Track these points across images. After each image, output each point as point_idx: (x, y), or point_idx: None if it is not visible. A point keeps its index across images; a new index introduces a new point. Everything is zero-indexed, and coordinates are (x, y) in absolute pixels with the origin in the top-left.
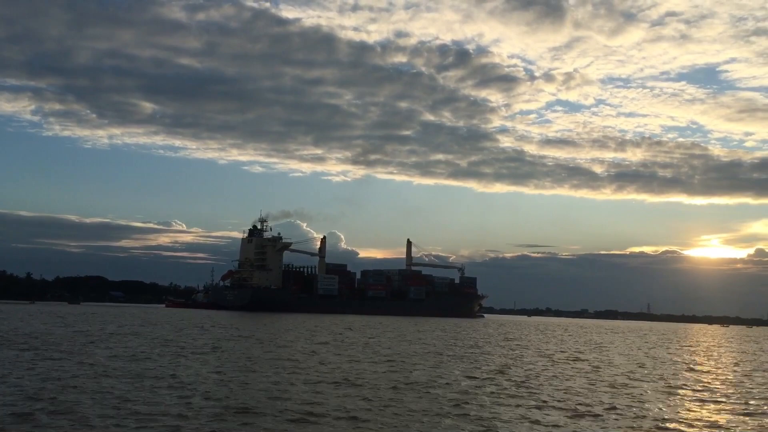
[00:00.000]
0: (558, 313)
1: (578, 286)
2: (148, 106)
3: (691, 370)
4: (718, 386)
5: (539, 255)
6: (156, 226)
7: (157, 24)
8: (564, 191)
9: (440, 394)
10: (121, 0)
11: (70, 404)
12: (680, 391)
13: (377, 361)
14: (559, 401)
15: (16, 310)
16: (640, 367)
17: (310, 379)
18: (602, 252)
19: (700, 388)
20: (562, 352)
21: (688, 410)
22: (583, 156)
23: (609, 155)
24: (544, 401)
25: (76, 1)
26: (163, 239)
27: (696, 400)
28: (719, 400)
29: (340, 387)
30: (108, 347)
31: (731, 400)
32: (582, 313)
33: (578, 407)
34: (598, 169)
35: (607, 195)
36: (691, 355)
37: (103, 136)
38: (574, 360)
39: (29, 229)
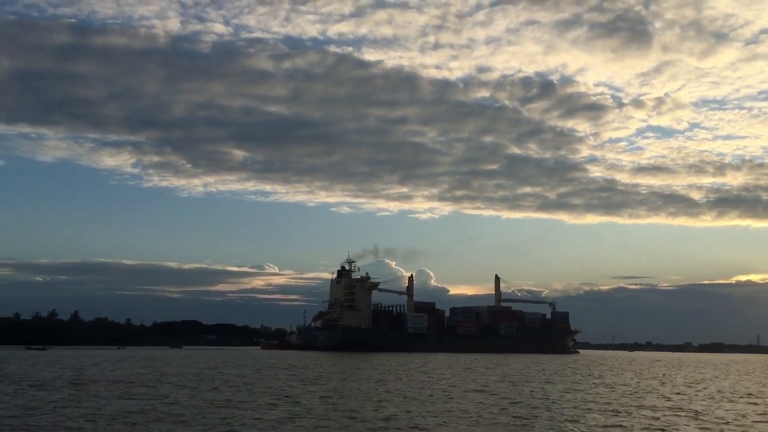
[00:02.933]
0: (659, 347)
1: (680, 318)
2: (239, 154)
3: None
4: None
5: (637, 287)
6: (250, 270)
7: (245, 74)
8: (660, 220)
9: None
10: (212, 54)
11: None
12: None
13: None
14: None
15: (133, 355)
16: None
17: None
18: (705, 282)
19: None
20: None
21: None
22: (679, 182)
23: (707, 180)
24: None
25: (171, 57)
26: (257, 282)
27: None
28: None
29: None
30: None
31: None
32: (685, 347)
33: None
34: (696, 196)
35: (707, 222)
36: None
37: (198, 184)
38: None
39: (132, 276)
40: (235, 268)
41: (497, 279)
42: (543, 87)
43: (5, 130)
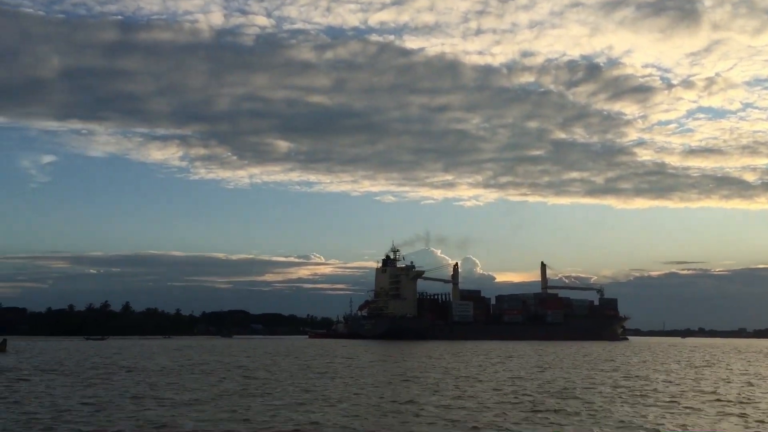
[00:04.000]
0: (712, 333)
1: (734, 304)
2: (283, 145)
3: None
4: None
5: (689, 272)
6: (296, 260)
7: (288, 66)
8: (713, 203)
9: None
10: (254, 46)
11: None
12: None
13: None
14: None
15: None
16: None
17: None
18: (760, 266)
19: None
20: None
21: None
22: (732, 164)
23: (762, 162)
24: None
25: (215, 51)
26: (303, 272)
27: None
28: None
29: None
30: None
31: None
32: (740, 333)
33: None
34: (750, 178)
35: (763, 204)
36: None
37: (244, 176)
38: None
39: (182, 268)
40: (282, 258)
41: (543, 266)
42: (589, 70)
43: (57, 126)
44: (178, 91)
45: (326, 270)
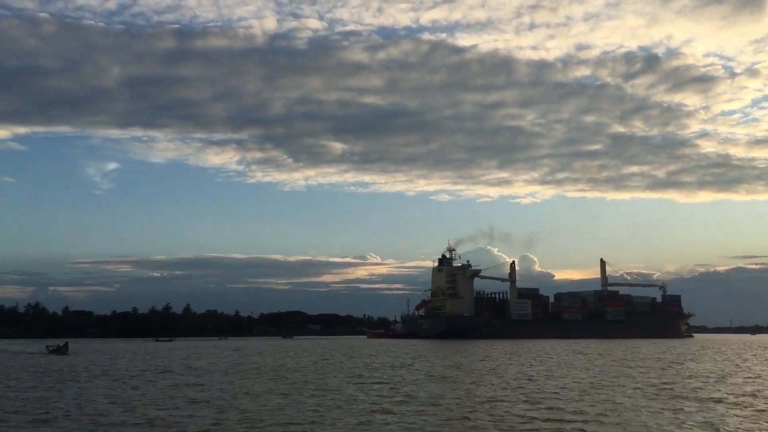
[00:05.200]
0: None
1: None
2: (337, 146)
3: None
4: None
5: (758, 266)
6: (353, 260)
7: (341, 68)
8: None
9: None
10: (307, 49)
11: None
12: None
13: None
14: None
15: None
16: None
17: None
18: None
19: None
20: None
21: None
22: None
23: None
24: None
25: (269, 56)
26: (360, 272)
27: None
28: None
29: None
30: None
31: None
32: None
33: None
34: None
35: None
36: None
37: (300, 178)
38: None
39: (242, 270)
40: (339, 259)
41: (603, 263)
42: (647, 61)
43: (119, 134)
44: (233, 96)
45: (383, 270)
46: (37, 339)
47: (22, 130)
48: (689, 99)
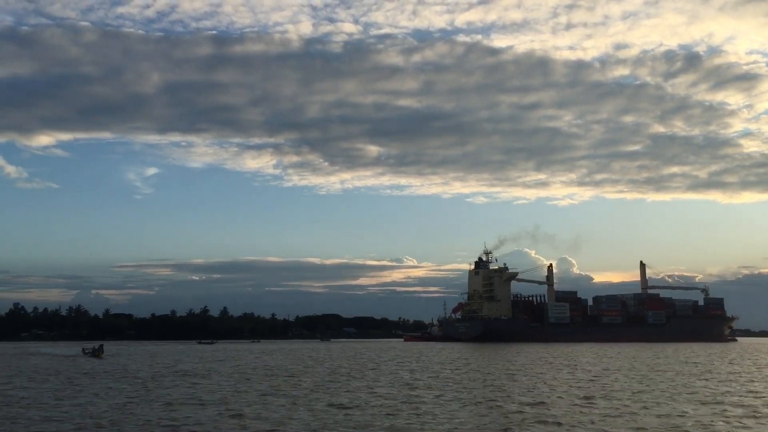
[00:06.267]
0: None
1: None
2: (373, 149)
3: None
4: None
5: None
6: (389, 263)
7: (376, 71)
8: None
9: None
10: (343, 53)
11: None
12: None
13: None
14: None
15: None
16: None
17: None
18: None
19: None
20: None
21: None
22: None
23: None
24: None
25: (304, 60)
26: (397, 275)
27: None
28: None
29: None
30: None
31: None
32: None
33: None
34: None
35: None
36: None
37: (336, 181)
38: None
39: (278, 273)
40: (375, 262)
41: (642, 265)
42: (688, 60)
43: (158, 140)
44: (270, 101)
45: (419, 273)
46: (78, 341)
47: (65, 137)
48: (732, 98)
